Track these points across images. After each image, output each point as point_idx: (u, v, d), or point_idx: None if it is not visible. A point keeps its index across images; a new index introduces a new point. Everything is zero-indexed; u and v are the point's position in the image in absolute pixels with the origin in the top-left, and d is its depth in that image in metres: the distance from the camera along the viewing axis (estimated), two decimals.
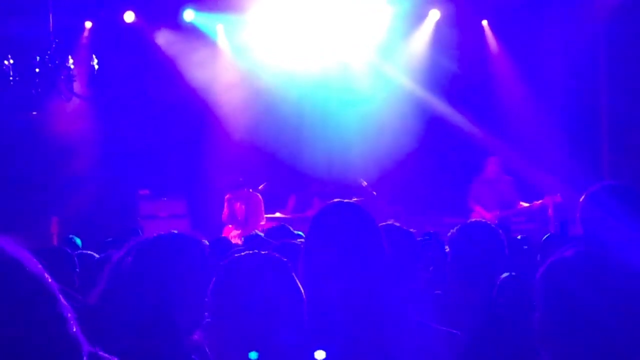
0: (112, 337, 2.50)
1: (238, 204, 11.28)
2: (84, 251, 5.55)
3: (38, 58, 10.06)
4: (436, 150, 12.86)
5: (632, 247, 2.81)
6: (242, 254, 2.45)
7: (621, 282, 2.16)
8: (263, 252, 2.45)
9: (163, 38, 13.17)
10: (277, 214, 11.87)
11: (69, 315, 1.13)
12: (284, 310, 2.28)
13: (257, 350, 2.25)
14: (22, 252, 1.12)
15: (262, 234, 6.51)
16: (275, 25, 12.78)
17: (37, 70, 10.00)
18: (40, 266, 1.15)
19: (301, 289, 2.36)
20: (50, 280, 1.14)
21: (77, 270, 4.61)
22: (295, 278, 2.35)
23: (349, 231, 2.54)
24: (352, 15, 12.81)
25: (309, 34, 12.84)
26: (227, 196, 11.42)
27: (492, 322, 3.48)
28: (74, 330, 1.12)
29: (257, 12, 12.67)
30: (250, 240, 6.03)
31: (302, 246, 2.63)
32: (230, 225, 11.30)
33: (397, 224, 3.42)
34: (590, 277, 2.18)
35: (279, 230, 6.34)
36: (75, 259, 4.69)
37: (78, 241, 7.91)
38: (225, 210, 11.40)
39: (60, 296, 1.14)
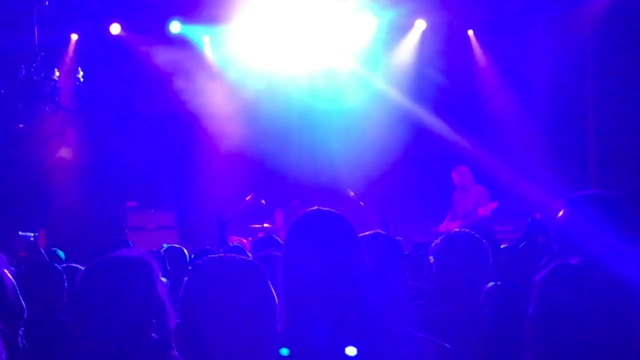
0: (90, 351, 2.51)
1: None
2: (71, 264, 5.49)
3: (24, 70, 10.03)
4: (422, 160, 12.88)
5: (621, 259, 2.83)
6: (212, 256, 2.45)
7: (619, 293, 2.19)
8: (234, 255, 2.44)
9: (149, 50, 13.14)
10: (265, 225, 11.87)
11: None
12: (254, 314, 2.28)
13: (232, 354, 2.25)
14: None
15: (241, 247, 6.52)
16: (260, 36, 12.80)
17: (22, 82, 9.97)
18: None
19: (274, 293, 2.35)
20: None
21: (66, 285, 4.59)
22: (269, 283, 2.35)
23: (326, 239, 2.52)
24: (337, 26, 12.83)
25: (295, 45, 12.85)
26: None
27: (479, 331, 3.49)
28: None
29: (242, 23, 12.68)
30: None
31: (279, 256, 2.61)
32: None
33: (383, 232, 3.40)
34: (594, 287, 2.20)
35: (265, 242, 6.30)
36: (64, 274, 4.66)
37: (61, 253, 7.83)
38: None
39: None
